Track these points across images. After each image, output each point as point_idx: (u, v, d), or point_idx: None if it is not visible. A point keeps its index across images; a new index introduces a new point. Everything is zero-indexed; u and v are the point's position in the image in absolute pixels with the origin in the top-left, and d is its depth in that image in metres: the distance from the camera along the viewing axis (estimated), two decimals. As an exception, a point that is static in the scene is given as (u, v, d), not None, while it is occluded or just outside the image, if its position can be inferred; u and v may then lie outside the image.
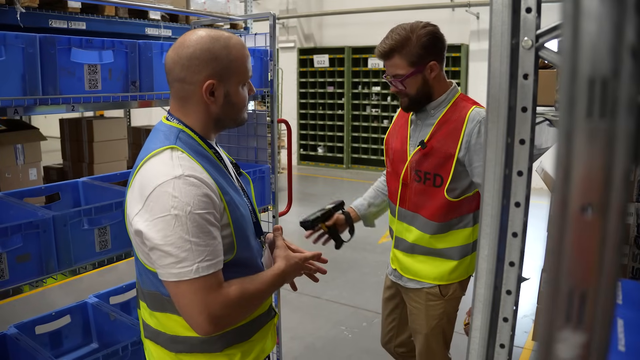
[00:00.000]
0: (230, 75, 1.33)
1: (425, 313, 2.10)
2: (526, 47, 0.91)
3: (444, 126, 1.96)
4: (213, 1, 5.22)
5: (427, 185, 2.00)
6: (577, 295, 0.35)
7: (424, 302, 2.10)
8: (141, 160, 1.30)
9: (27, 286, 1.74)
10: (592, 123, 0.34)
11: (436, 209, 1.99)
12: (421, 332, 2.14)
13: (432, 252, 2.05)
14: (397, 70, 1.93)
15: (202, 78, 1.30)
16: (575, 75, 0.34)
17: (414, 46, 1.89)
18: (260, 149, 2.80)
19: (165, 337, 1.37)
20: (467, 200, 1.99)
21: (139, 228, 1.24)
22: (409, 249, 2.11)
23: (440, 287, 2.07)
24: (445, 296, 2.07)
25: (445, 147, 1.94)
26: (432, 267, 2.06)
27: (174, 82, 1.34)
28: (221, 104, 1.34)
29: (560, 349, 0.35)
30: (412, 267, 2.11)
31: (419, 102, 1.99)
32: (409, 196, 2.06)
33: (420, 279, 2.10)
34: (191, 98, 1.33)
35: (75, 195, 2.41)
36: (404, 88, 1.94)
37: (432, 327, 2.11)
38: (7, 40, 1.61)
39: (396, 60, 1.92)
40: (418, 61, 1.90)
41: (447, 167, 1.94)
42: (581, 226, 0.35)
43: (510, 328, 0.99)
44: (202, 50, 1.29)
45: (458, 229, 2.02)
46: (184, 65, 1.30)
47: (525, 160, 0.93)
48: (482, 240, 0.98)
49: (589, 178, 0.34)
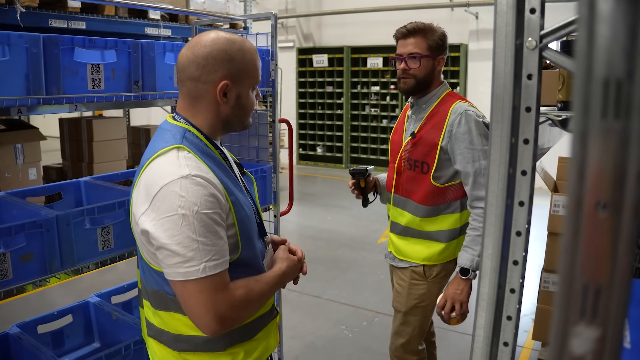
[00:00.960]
0: (244, 78, 1.35)
1: (408, 291, 2.26)
2: (530, 48, 0.91)
3: (432, 119, 2.16)
4: (212, 1, 5.22)
5: (416, 173, 2.18)
6: (591, 291, 0.36)
7: (408, 280, 2.26)
8: (147, 160, 1.31)
9: (31, 285, 1.75)
10: (607, 123, 0.35)
11: (424, 194, 2.17)
12: (400, 310, 2.29)
13: (422, 234, 2.21)
14: (416, 49, 2.11)
15: (217, 78, 1.31)
16: (590, 77, 0.35)
17: (436, 35, 2.12)
18: (262, 148, 2.81)
19: (169, 336, 1.38)
20: (453, 187, 2.16)
21: (145, 227, 1.24)
22: (402, 231, 2.28)
23: (425, 267, 2.22)
24: (429, 278, 2.22)
25: (431, 137, 2.13)
26: (422, 247, 2.23)
27: (186, 80, 1.34)
28: (232, 105, 1.35)
29: (575, 344, 0.36)
30: (404, 249, 2.29)
31: (420, 87, 2.17)
32: (402, 183, 2.26)
33: (410, 259, 2.26)
34: (203, 97, 1.34)
35: (77, 194, 2.41)
36: (419, 65, 2.11)
37: (410, 306, 2.26)
38: (10, 40, 1.61)
39: (418, 39, 2.11)
40: (435, 49, 2.12)
41: (432, 155, 2.13)
42: (595, 223, 0.36)
43: (514, 326, 1.00)
44: (219, 51, 1.30)
45: (446, 214, 2.19)
46: (199, 64, 1.31)
47: (529, 159, 0.94)
48: (486, 239, 0.99)
49: (603, 177, 0.35)
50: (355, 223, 6.61)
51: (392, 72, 9.83)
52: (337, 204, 7.61)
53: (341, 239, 6.00)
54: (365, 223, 6.58)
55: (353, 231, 6.27)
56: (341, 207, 7.41)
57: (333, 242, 5.90)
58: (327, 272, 4.84)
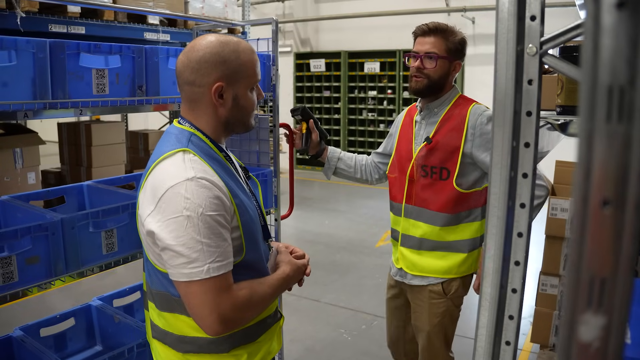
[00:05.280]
0: (239, 79, 1.36)
1: (428, 311, 2.15)
2: (531, 54, 0.94)
3: (448, 122, 2.06)
4: (211, 6, 5.25)
5: (433, 180, 2.06)
6: (597, 282, 0.39)
7: (427, 301, 2.14)
8: (153, 163, 1.33)
9: (36, 288, 1.76)
10: (611, 127, 0.38)
11: (446, 201, 2.05)
12: (424, 330, 2.18)
13: (442, 245, 2.09)
14: (434, 49, 2.04)
15: (211, 81, 1.33)
16: (595, 84, 0.38)
17: (456, 38, 2.06)
18: (263, 152, 2.83)
19: (173, 337, 1.39)
20: (475, 194, 2.06)
21: (151, 229, 1.26)
22: (417, 244, 2.14)
23: (443, 284, 2.11)
24: (448, 294, 2.12)
25: (451, 141, 2.03)
26: (440, 261, 2.11)
27: (184, 85, 1.37)
28: (230, 107, 1.37)
29: (582, 331, 0.39)
30: (420, 263, 2.14)
31: (432, 89, 2.07)
32: (415, 192, 2.11)
33: (427, 274, 2.13)
34: (200, 101, 1.36)
35: (80, 198, 2.43)
36: (434, 66, 2.03)
37: (434, 324, 2.15)
38: (18, 45, 1.64)
39: (438, 39, 2.04)
40: (454, 52, 2.06)
41: (453, 160, 2.02)
42: (600, 220, 0.38)
43: (515, 326, 1.02)
44: (212, 54, 1.32)
45: (468, 222, 2.08)
46: (193, 68, 1.33)
47: (530, 162, 0.97)
48: (488, 241, 1.01)
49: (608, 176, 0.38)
50: (353, 227, 6.63)
51: (389, 77, 9.88)
52: (335, 208, 7.63)
53: (339, 243, 6.02)
54: (363, 227, 6.60)
55: (351, 235, 6.29)
56: (339, 211, 7.43)
57: (331, 246, 5.92)
58: (325, 276, 4.86)
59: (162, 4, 4.73)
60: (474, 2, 8.53)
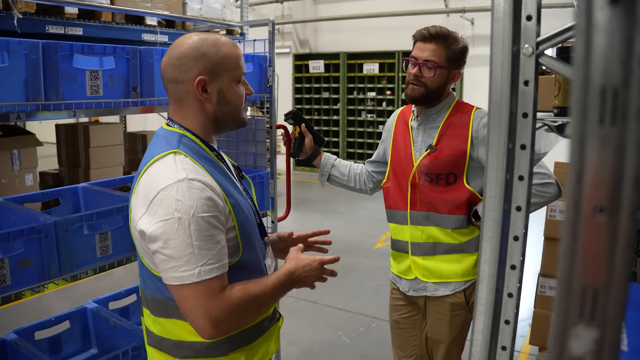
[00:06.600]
0: (221, 72, 1.34)
1: (450, 323, 2.08)
2: (527, 54, 0.93)
3: (450, 128, 2.01)
4: (209, 7, 5.24)
5: (440, 185, 2.01)
6: (589, 293, 0.37)
7: (449, 313, 2.07)
8: (145, 165, 1.31)
9: (29, 291, 1.75)
10: (604, 130, 0.36)
11: (458, 203, 1.99)
12: (443, 342, 2.12)
13: (457, 248, 2.04)
14: (433, 57, 1.95)
15: (193, 75, 1.32)
16: (587, 85, 0.36)
17: (457, 46, 1.97)
18: (259, 154, 2.81)
19: (170, 343, 1.37)
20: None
21: (142, 231, 1.25)
22: (430, 250, 2.07)
23: (465, 293, 2.05)
24: (469, 303, 2.06)
25: (456, 146, 1.98)
26: (456, 264, 2.05)
27: (168, 84, 1.36)
28: (215, 101, 1.35)
29: (574, 345, 0.37)
30: (436, 269, 2.07)
31: (429, 98, 2.01)
32: (419, 197, 2.05)
33: (446, 279, 2.06)
34: (186, 98, 1.35)
35: (75, 200, 2.41)
36: (433, 76, 1.96)
37: (454, 336, 2.10)
38: (10, 46, 1.62)
39: (438, 47, 1.95)
40: (453, 61, 1.97)
41: (460, 164, 1.98)
42: (593, 227, 0.37)
43: (511, 330, 1.01)
44: (191, 49, 1.32)
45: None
46: (174, 65, 1.33)
47: (526, 164, 0.95)
48: (484, 244, 1.00)
49: (601, 181, 0.36)
50: (352, 229, 6.61)
51: (388, 78, 9.87)
52: (334, 209, 7.62)
53: (338, 245, 5.99)
54: (362, 229, 6.59)
55: (350, 237, 6.27)
56: (337, 212, 7.41)
57: (330, 247, 5.89)
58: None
59: (160, 5, 4.71)
60: (473, 3, 8.52)
